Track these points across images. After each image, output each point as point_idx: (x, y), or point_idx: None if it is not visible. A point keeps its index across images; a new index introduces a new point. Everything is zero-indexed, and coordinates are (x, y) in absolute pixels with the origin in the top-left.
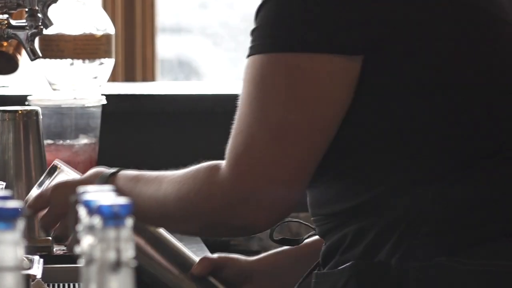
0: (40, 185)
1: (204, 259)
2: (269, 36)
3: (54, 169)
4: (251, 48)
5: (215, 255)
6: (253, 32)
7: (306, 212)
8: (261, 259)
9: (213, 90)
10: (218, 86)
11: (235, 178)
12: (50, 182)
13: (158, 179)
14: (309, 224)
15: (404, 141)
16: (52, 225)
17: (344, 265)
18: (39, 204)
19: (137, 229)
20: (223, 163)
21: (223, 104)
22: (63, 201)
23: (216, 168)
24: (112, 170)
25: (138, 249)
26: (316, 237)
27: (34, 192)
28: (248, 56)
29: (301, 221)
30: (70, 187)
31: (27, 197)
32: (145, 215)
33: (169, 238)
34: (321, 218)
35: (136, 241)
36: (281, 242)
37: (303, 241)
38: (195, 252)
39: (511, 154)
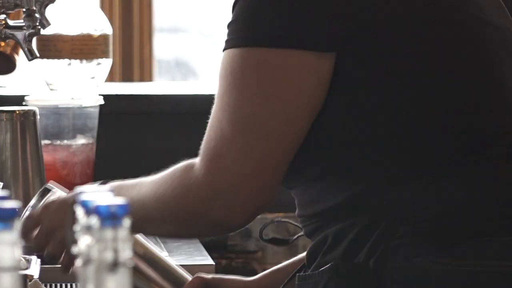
0: (32, 207)
1: (196, 278)
2: (241, 30)
3: (46, 191)
4: (226, 42)
5: (210, 275)
6: (228, 26)
7: None
8: (257, 280)
9: (211, 90)
10: (215, 86)
11: (207, 173)
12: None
13: (139, 184)
14: (298, 225)
15: (380, 141)
16: (45, 244)
17: (324, 267)
18: (30, 224)
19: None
20: (197, 160)
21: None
22: (53, 218)
23: (191, 165)
24: (97, 184)
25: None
26: None
27: (27, 214)
28: (223, 50)
29: (291, 221)
30: (58, 204)
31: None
32: None
33: (162, 256)
34: (305, 219)
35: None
36: (271, 242)
37: (292, 241)
38: (192, 252)
39: (490, 154)
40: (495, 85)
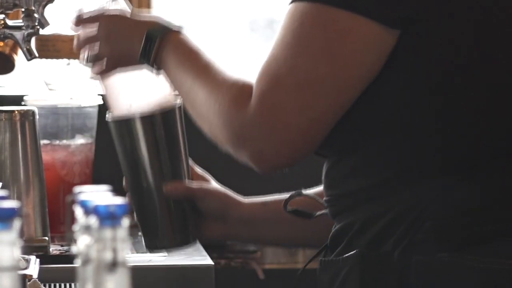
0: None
1: (180, 185)
2: None
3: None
4: None
5: (197, 185)
6: None
7: None
8: (243, 205)
9: None
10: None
11: (257, 118)
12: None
13: (201, 70)
14: (320, 200)
15: (420, 127)
16: (88, 43)
17: (349, 254)
18: (89, 19)
19: (152, 123)
20: (253, 90)
21: None
22: (111, 27)
23: (246, 95)
24: (171, 26)
25: (136, 139)
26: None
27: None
28: (291, 2)
29: (316, 197)
30: (124, 20)
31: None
32: (179, 88)
33: (181, 146)
34: (333, 198)
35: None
36: (294, 213)
37: (315, 217)
38: (191, 252)
39: None
40: None
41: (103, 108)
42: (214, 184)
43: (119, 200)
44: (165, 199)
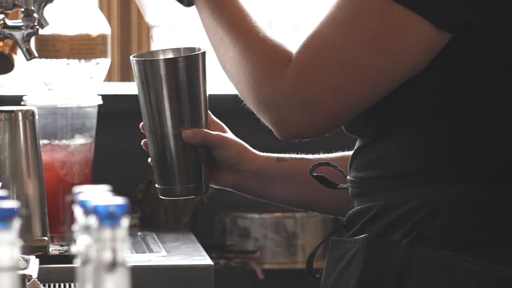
0: None
1: (198, 131)
2: None
3: None
4: None
5: (215, 133)
6: None
7: (302, 212)
8: (258, 158)
9: (210, 90)
10: (215, 86)
11: (292, 88)
12: None
13: (236, 21)
14: (345, 174)
15: (453, 128)
16: None
17: (358, 237)
18: None
19: (175, 67)
20: (292, 59)
21: (220, 104)
22: None
23: (284, 62)
24: None
25: (158, 81)
26: (306, 159)
27: None
28: None
29: (343, 170)
30: None
31: None
32: (210, 38)
33: (202, 94)
34: (357, 180)
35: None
36: (319, 179)
37: (337, 187)
38: (190, 252)
39: None
40: None
41: (103, 108)
42: (231, 134)
43: (118, 200)
44: (182, 145)
